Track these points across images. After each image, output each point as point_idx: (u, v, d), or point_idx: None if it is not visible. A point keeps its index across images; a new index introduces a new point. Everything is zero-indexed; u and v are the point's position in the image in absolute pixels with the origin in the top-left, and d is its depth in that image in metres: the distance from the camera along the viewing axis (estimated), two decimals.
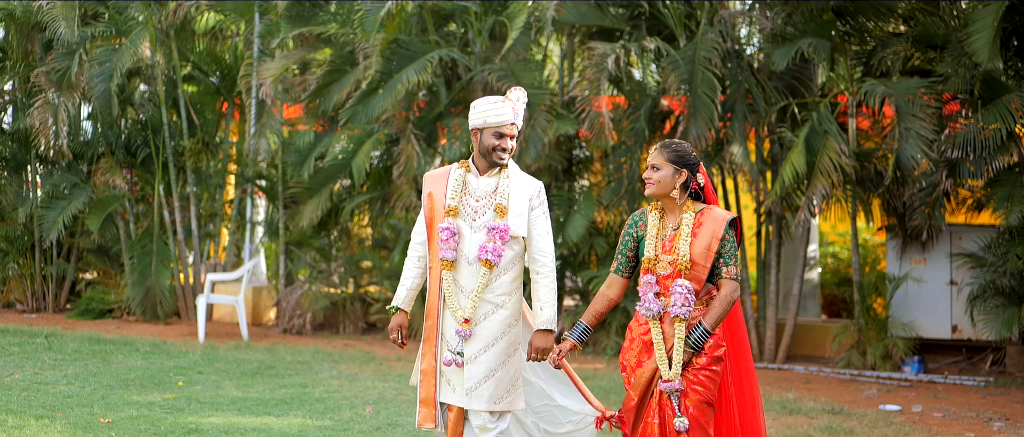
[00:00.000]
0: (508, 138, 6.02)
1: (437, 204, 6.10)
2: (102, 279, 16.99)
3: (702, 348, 5.51)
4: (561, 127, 13.45)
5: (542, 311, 5.97)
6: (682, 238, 5.59)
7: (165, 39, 15.59)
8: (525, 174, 6.15)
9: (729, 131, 12.97)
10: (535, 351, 5.95)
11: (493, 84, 13.60)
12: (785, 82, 13.21)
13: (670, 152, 5.66)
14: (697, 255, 5.55)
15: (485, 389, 5.92)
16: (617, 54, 12.65)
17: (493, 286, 5.97)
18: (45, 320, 15.27)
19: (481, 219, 6.03)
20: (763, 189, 13.26)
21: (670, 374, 5.51)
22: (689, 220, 5.62)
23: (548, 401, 6.28)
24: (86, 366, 11.19)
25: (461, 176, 6.13)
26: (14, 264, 16.30)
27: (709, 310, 5.55)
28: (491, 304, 5.98)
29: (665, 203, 5.72)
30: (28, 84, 15.75)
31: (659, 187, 5.67)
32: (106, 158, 15.89)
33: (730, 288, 5.54)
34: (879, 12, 12.81)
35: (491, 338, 5.97)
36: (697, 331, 5.52)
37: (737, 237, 5.67)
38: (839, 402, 10.66)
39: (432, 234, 6.10)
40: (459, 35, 14.82)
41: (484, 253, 5.93)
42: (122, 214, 16.09)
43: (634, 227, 5.81)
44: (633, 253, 5.80)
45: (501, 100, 6.04)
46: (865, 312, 12.97)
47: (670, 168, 5.64)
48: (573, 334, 5.82)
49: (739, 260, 5.65)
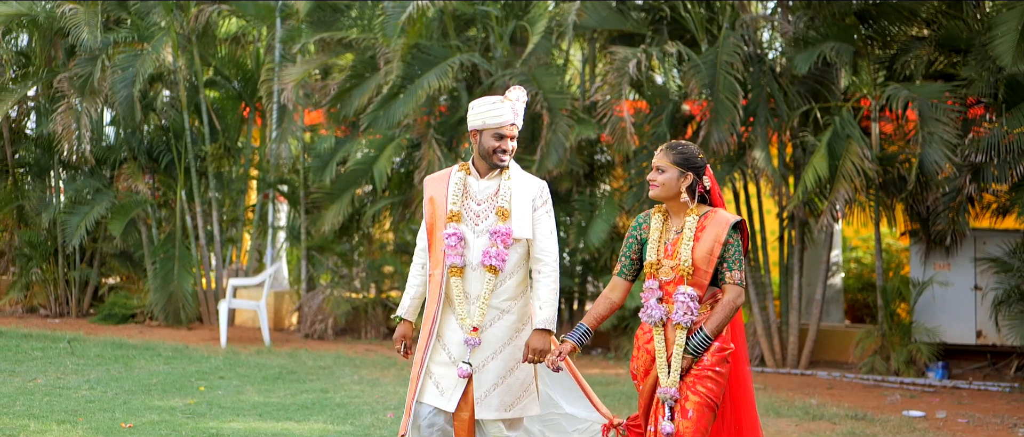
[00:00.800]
0: (508, 139, 5.87)
1: (438, 209, 5.94)
2: (125, 284, 17.06)
3: (702, 354, 5.37)
4: (582, 132, 13.44)
5: (541, 310, 5.80)
6: (684, 242, 5.45)
7: (187, 44, 15.65)
8: (527, 174, 6.01)
9: (751, 136, 12.94)
10: (532, 352, 5.75)
11: None
12: (807, 86, 13.17)
13: (676, 154, 5.51)
14: (699, 260, 5.41)
15: (494, 397, 5.80)
16: (638, 58, 12.64)
17: (498, 291, 5.83)
18: (68, 325, 15.34)
19: (484, 223, 5.87)
20: (785, 194, 13.21)
21: (667, 382, 5.39)
22: (692, 223, 5.48)
23: (554, 409, 6.11)
24: (108, 371, 11.24)
25: (461, 179, 5.97)
26: (37, 269, 16.39)
27: (711, 316, 5.40)
28: (497, 310, 5.84)
29: (670, 206, 5.58)
30: (51, 90, 15.84)
31: (663, 190, 5.52)
32: (129, 163, 15.96)
33: (733, 293, 5.39)
34: (902, 16, 12.76)
35: (498, 344, 5.83)
36: (697, 337, 5.38)
37: (744, 241, 5.53)
38: (862, 408, 10.61)
39: (432, 240, 5.95)
40: (480, 40, 14.83)
41: (488, 259, 5.78)
42: (144, 219, 16.16)
43: (638, 230, 5.66)
44: (637, 256, 5.65)
45: (500, 100, 5.88)
46: (888, 317, 12.91)
47: (675, 170, 5.49)
48: (573, 336, 5.63)
49: (744, 265, 5.46)
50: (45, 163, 16.54)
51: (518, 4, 14.59)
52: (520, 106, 5.91)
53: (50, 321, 15.77)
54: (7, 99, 15.45)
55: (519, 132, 5.98)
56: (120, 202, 15.65)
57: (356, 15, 15.25)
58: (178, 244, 15.65)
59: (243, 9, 15.65)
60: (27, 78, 16.19)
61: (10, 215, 16.86)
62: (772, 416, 10.07)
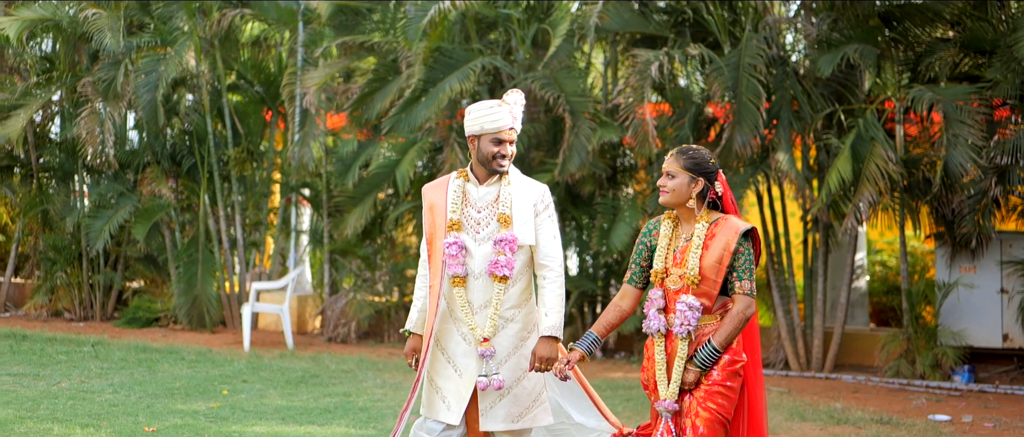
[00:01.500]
0: (507, 144, 5.71)
1: (438, 217, 5.79)
2: (149, 288, 17.13)
3: (710, 368, 5.22)
4: (605, 135, 13.43)
5: (547, 317, 5.64)
6: (692, 251, 5.29)
7: (210, 49, 15.71)
8: (527, 178, 5.86)
9: (774, 138, 12.90)
10: (539, 360, 5.59)
11: (536, 92, 13.60)
12: (831, 88, 13.12)
13: (686, 159, 5.35)
14: (707, 268, 5.25)
15: (501, 408, 5.67)
16: (661, 61, 12.61)
17: (502, 299, 5.68)
18: (92, 329, 15.41)
19: (485, 231, 5.73)
20: (809, 197, 13.16)
21: (665, 394, 5.27)
22: (701, 231, 5.31)
23: (563, 419, 5.95)
24: (132, 375, 11.28)
25: (460, 186, 5.82)
26: (62, 273, 16.47)
27: (720, 327, 5.24)
28: (502, 318, 5.69)
29: (680, 212, 5.41)
30: (75, 94, 15.92)
31: (674, 196, 5.35)
32: (152, 167, 16.03)
33: (743, 304, 5.22)
34: (926, 17, 12.70)
35: (504, 353, 5.69)
36: (705, 349, 5.22)
37: (756, 250, 5.36)
38: (888, 412, 10.56)
39: (432, 250, 5.79)
40: (502, 43, 14.83)
41: (498, 268, 5.64)
42: (168, 223, 16.23)
43: (648, 236, 5.50)
44: (647, 263, 5.48)
45: (497, 104, 5.73)
46: (914, 321, 12.85)
47: (686, 176, 5.33)
48: (582, 344, 5.49)
49: (755, 274, 5.29)
50: (69, 167, 16.63)
51: (540, 7, 14.59)
52: (518, 110, 5.78)
53: (75, 325, 15.84)
54: (32, 104, 15.54)
55: (518, 134, 5.81)
56: (144, 206, 15.72)
57: (378, 18, 15.27)
58: (201, 248, 15.71)
59: (265, 13, 15.70)
60: (51, 83, 16.28)
61: (35, 219, 16.95)
62: (796, 420, 10.03)
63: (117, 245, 16.68)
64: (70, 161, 16.49)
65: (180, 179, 16.51)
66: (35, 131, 16.84)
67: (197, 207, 16.32)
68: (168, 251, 16.18)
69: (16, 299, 17.64)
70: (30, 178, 17.00)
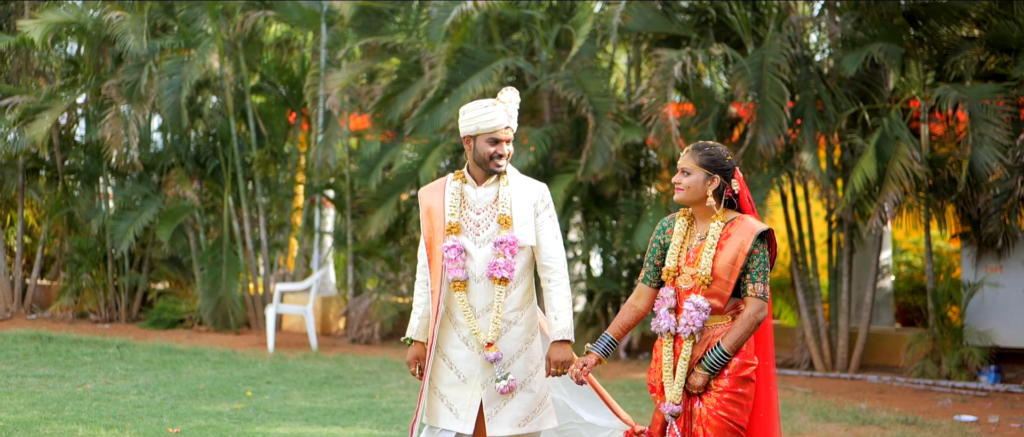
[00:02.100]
0: (504, 143, 5.61)
1: (436, 221, 5.68)
2: (173, 289, 17.20)
3: (719, 371, 5.11)
4: (628, 135, 13.41)
5: (557, 321, 5.56)
6: (706, 250, 5.16)
7: (233, 51, 15.76)
8: (526, 177, 5.75)
9: (798, 138, 12.86)
10: (554, 364, 5.52)
11: (559, 92, 13.60)
12: (855, 88, 13.07)
13: (702, 155, 5.22)
14: (720, 269, 5.12)
15: (507, 412, 5.58)
16: (684, 61, 12.58)
17: (505, 302, 5.59)
18: (118, 330, 15.49)
19: (485, 233, 5.62)
20: (834, 196, 13.12)
21: (670, 395, 5.17)
22: (716, 230, 5.18)
23: (573, 419, 5.87)
24: (157, 376, 11.33)
25: (458, 188, 5.71)
26: (87, 275, 16.55)
27: (730, 330, 5.12)
28: (504, 321, 5.59)
29: (696, 210, 5.29)
30: (99, 97, 16.01)
31: (689, 193, 5.23)
32: (176, 169, 16.10)
33: (755, 307, 5.10)
34: (951, 16, 12.63)
35: (509, 356, 5.60)
36: (714, 352, 5.11)
37: (771, 252, 5.22)
38: (913, 412, 10.52)
39: (432, 255, 5.68)
40: (525, 44, 14.83)
41: (497, 270, 5.54)
42: (192, 225, 16.29)
43: (662, 234, 5.39)
44: (661, 261, 5.38)
45: (492, 103, 5.62)
46: (940, 321, 12.78)
47: (701, 173, 5.20)
48: (598, 347, 5.41)
49: (768, 277, 5.17)
50: (94, 169, 16.71)
51: (563, 7, 14.59)
52: (513, 108, 5.68)
53: (100, 326, 15.92)
54: (57, 106, 15.62)
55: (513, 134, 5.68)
56: (168, 208, 15.79)
57: (401, 20, 15.29)
58: (226, 249, 15.76)
59: (288, 14, 15.74)
60: (76, 85, 16.35)
61: (60, 221, 17.04)
62: (821, 421, 10.00)
63: (142, 247, 16.76)
64: (95, 163, 16.58)
65: (204, 181, 16.58)
66: (60, 133, 16.93)
67: (221, 209, 16.37)
68: (192, 253, 16.24)
69: (42, 301, 17.74)
70: (55, 180, 17.09)
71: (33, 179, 17.41)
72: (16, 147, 15.94)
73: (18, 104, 15.66)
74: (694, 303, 5.12)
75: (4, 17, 17.06)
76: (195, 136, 16.69)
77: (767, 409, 5.26)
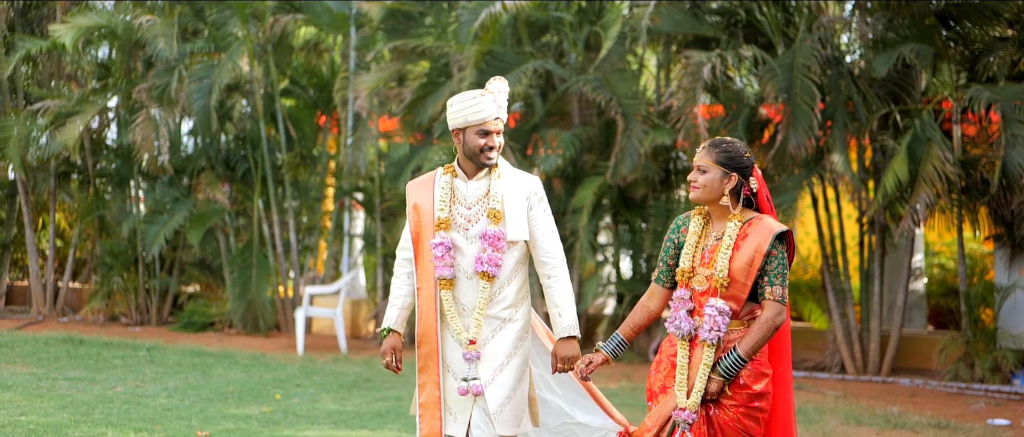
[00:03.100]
0: (494, 135, 5.45)
1: (424, 216, 5.53)
2: (203, 292, 17.28)
3: (734, 377, 4.91)
4: (657, 137, 13.37)
5: (561, 317, 5.43)
6: (722, 250, 4.96)
7: (263, 54, 15.82)
8: (519, 171, 5.57)
9: (829, 139, 12.78)
10: (561, 360, 5.39)
11: (588, 95, 13.58)
12: (887, 89, 12.98)
13: (719, 152, 5.00)
14: (737, 271, 4.92)
15: (509, 412, 5.42)
16: (713, 63, 12.54)
17: (497, 300, 5.43)
18: (148, 333, 15.56)
19: (475, 228, 5.47)
20: (865, 198, 13.04)
21: (687, 402, 4.93)
22: (733, 230, 4.98)
23: (567, 419, 5.72)
24: (186, 379, 11.37)
25: (448, 183, 5.56)
26: (118, 278, 16.64)
27: (746, 335, 4.92)
28: (497, 320, 5.44)
29: (712, 209, 5.08)
30: (130, 100, 16.10)
31: (705, 192, 5.02)
32: (206, 172, 16.17)
33: (773, 311, 4.89)
34: (984, 16, 12.53)
35: (505, 356, 5.43)
36: (730, 357, 4.90)
37: (789, 253, 5.02)
38: (946, 416, 10.43)
39: (420, 251, 5.53)
40: (554, 46, 14.81)
41: (480, 265, 5.37)
42: (222, 228, 16.36)
43: (676, 233, 5.20)
44: (674, 261, 5.19)
45: (480, 94, 5.45)
46: (973, 323, 12.68)
47: (718, 171, 4.98)
48: (607, 347, 5.26)
49: (786, 280, 4.97)
50: (125, 173, 16.80)
51: (592, 9, 14.56)
52: (502, 98, 5.50)
53: (131, 329, 16.00)
54: (88, 110, 15.72)
55: (503, 125, 5.53)
56: (198, 211, 15.86)
57: (430, 22, 15.30)
58: (256, 252, 15.82)
59: (318, 17, 15.78)
60: (107, 89, 16.46)
61: (91, 225, 17.15)
62: (852, 425, 9.94)
63: (172, 250, 16.83)
64: (126, 167, 16.67)
65: (234, 184, 16.65)
66: (91, 137, 17.04)
67: (251, 212, 16.43)
68: (222, 256, 16.31)
69: (73, 304, 17.86)
70: (87, 184, 17.20)
71: (65, 183, 17.53)
72: (48, 151, 16.05)
73: (50, 108, 15.79)
74: (717, 307, 4.92)
75: (36, 22, 17.18)
76: (225, 139, 16.76)
77: (784, 416, 5.11)
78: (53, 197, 17.28)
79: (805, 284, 15.66)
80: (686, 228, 5.18)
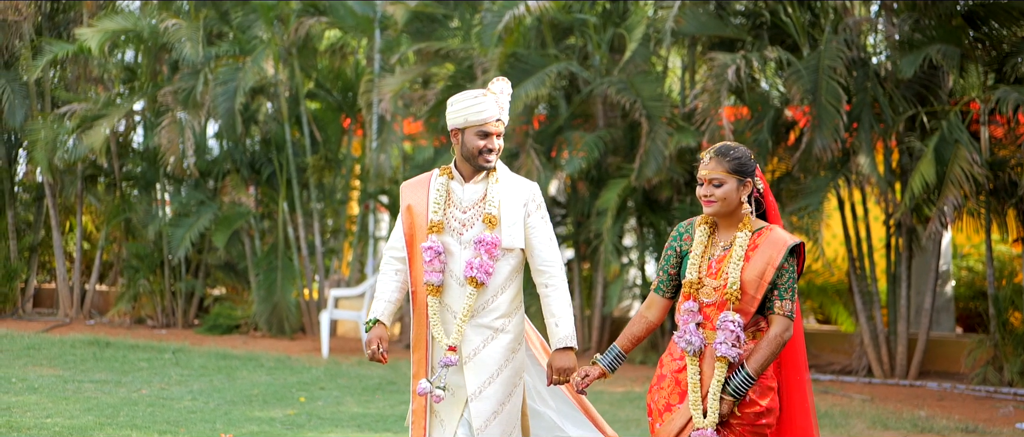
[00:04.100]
0: (494, 137, 5.28)
1: (418, 219, 5.36)
2: (230, 295, 17.33)
3: (743, 396, 4.72)
4: (682, 139, 13.32)
5: (558, 327, 5.24)
6: (733, 261, 4.74)
7: (288, 57, 15.86)
8: (517, 176, 5.42)
9: (855, 141, 12.72)
10: (557, 372, 5.20)
11: (613, 97, 13.55)
12: (913, 90, 12.91)
13: (730, 161, 4.80)
14: (747, 283, 4.72)
15: (495, 427, 5.24)
16: (738, 64, 12.49)
17: (490, 308, 5.28)
18: (174, 336, 15.61)
19: (469, 233, 5.30)
20: (892, 201, 12.97)
21: (704, 423, 4.72)
22: (743, 240, 4.78)
23: (558, 433, 5.55)
24: (211, 382, 11.40)
25: (444, 185, 5.37)
26: (145, 281, 16.71)
27: (754, 352, 4.72)
28: (489, 329, 5.28)
29: (721, 218, 4.88)
30: (156, 104, 16.16)
31: (725, 205, 4.80)
32: (232, 175, 16.22)
33: (781, 326, 4.70)
34: (1012, 16, 12.44)
35: (495, 368, 5.25)
36: (738, 376, 4.70)
37: (798, 267, 4.83)
38: (974, 420, 10.36)
39: (413, 254, 5.36)
40: (578, 48, 14.79)
41: (470, 270, 5.20)
42: (248, 231, 16.40)
43: (678, 241, 4.98)
44: (676, 270, 4.98)
45: (482, 93, 5.29)
46: (1001, 326, 12.59)
47: (733, 180, 4.79)
48: (604, 360, 5.03)
49: (796, 294, 4.79)
50: (151, 176, 16.87)
51: (616, 11, 14.53)
52: (504, 99, 5.33)
53: (157, 332, 16.06)
54: (114, 113, 15.79)
55: (504, 128, 5.36)
56: (224, 214, 15.90)
57: (455, 25, 15.31)
58: (281, 255, 15.85)
59: (342, 20, 15.81)
60: (133, 93, 16.54)
61: (118, 227, 17.23)
62: (879, 429, 9.88)
63: (198, 252, 16.90)
64: (152, 170, 16.73)
65: (260, 187, 16.70)
66: (118, 140, 17.11)
67: (276, 214, 16.47)
68: (248, 258, 16.35)
69: (100, 306, 17.94)
70: (113, 187, 17.27)
71: (91, 186, 17.62)
72: (75, 154, 16.13)
73: (76, 112, 15.88)
74: (736, 322, 4.70)
75: (63, 26, 17.28)
76: (250, 142, 16.81)
77: (804, 424, 4.93)
78: (80, 200, 17.36)
79: (832, 286, 15.58)
80: (689, 236, 4.96)
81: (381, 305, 5.44)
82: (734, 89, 13.28)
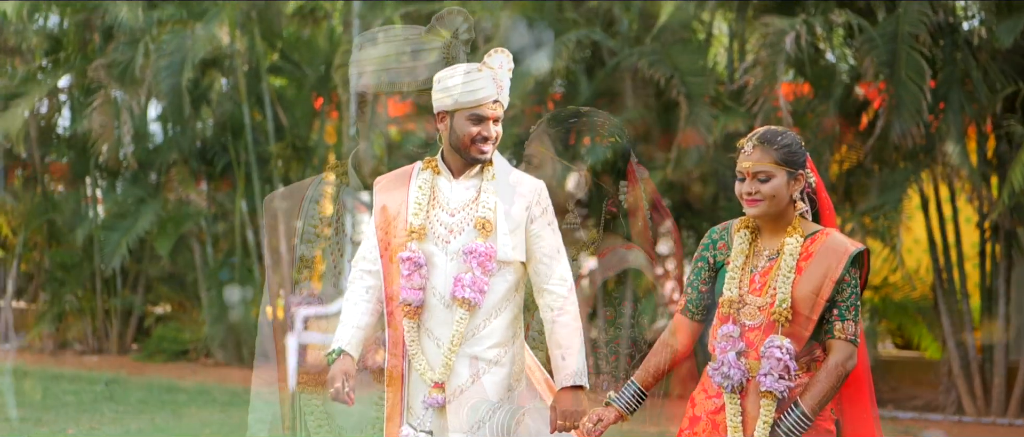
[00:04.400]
0: (491, 122, 4.97)
1: (395, 223, 5.14)
2: (176, 314, 17.36)
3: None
4: (729, 123, 13.31)
5: (565, 361, 4.95)
6: (782, 273, 4.48)
7: (246, 22, 15.87)
8: (519, 171, 5.16)
9: (942, 126, 12.72)
10: (562, 416, 4.91)
11: (644, 71, 13.54)
12: (1013, 63, 12.91)
13: (779, 150, 4.50)
14: (800, 301, 4.45)
15: None
16: (798, 31, 12.48)
17: (481, 336, 5.00)
18: (107, 363, 15.64)
19: (457, 241, 5.01)
20: (987, 198, 12.96)
21: None
22: (794, 247, 4.51)
23: None
24: (153, 420, 11.41)
25: (427, 181, 5.14)
26: (71, 296, 16.74)
27: (811, 385, 4.45)
28: (482, 361, 5.01)
29: (766, 221, 4.61)
30: (86, 80, 16.16)
31: (773, 204, 4.51)
32: (178, 167, 16.24)
33: (844, 354, 4.43)
34: None
35: (489, 407, 4.99)
36: (792, 416, 4.43)
37: (862, 279, 4.55)
38: None
39: (388, 267, 5.15)
40: (602, 12, 14.78)
41: (460, 289, 4.91)
42: (198, 235, 16.43)
43: (711, 249, 4.75)
44: (708, 287, 4.73)
45: (476, 68, 4.98)
46: None
47: (783, 173, 4.50)
48: (620, 400, 4.78)
49: (859, 313, 4.49)
50: (80, 168, 16.90)
51: None
52: (504, 76, 5.04)
53: (86, 358, 16.10)
54: (34, 92, 15.81)
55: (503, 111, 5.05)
56: (168, 214, 15.94)
57: None
58: (238, 265, 15.86)
59: None
60: (57, 67, 16.56)
61: (39, 231, 17.25)
62: None
63: (137, 262, 16.91)
64: (81, 161, 16.77)
65: (212, 181, 16.72)
66: (39, 125, 17.14)
67: (232, 215, 16.48)
68: (198, 269, 16.37)
69: (17, 327, 17.96)
70: (34, 182, 17.31)
71: (7, 180, 17.63)
72: None
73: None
74: (786, 349, 4.43)
75: None
76: (201, 127, 16.81)
77: None
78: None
79: (914, 304, 15.56)
80: (725, 244, 4.70)
81: (347, 332, 5.27)
82: (793, 61, 13.27)
